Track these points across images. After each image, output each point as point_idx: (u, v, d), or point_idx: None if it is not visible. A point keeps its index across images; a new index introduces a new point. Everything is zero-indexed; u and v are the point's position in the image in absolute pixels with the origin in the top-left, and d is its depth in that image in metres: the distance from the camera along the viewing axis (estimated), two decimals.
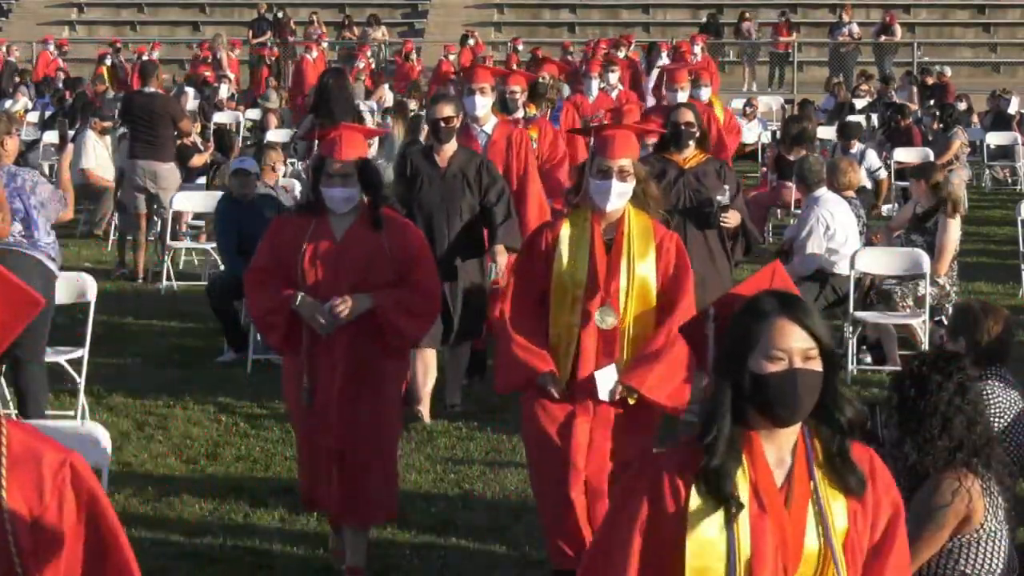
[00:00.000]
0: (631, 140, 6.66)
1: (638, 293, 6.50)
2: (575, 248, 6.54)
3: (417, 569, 7.35)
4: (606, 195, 6.52)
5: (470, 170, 9.60)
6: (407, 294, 6.80)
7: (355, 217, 6.81)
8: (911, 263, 11.23)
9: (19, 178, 9.07)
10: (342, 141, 6.79)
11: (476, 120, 10.60)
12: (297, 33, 34.21)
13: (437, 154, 9.66)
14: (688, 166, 9.36)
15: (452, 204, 9.56)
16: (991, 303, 7.01)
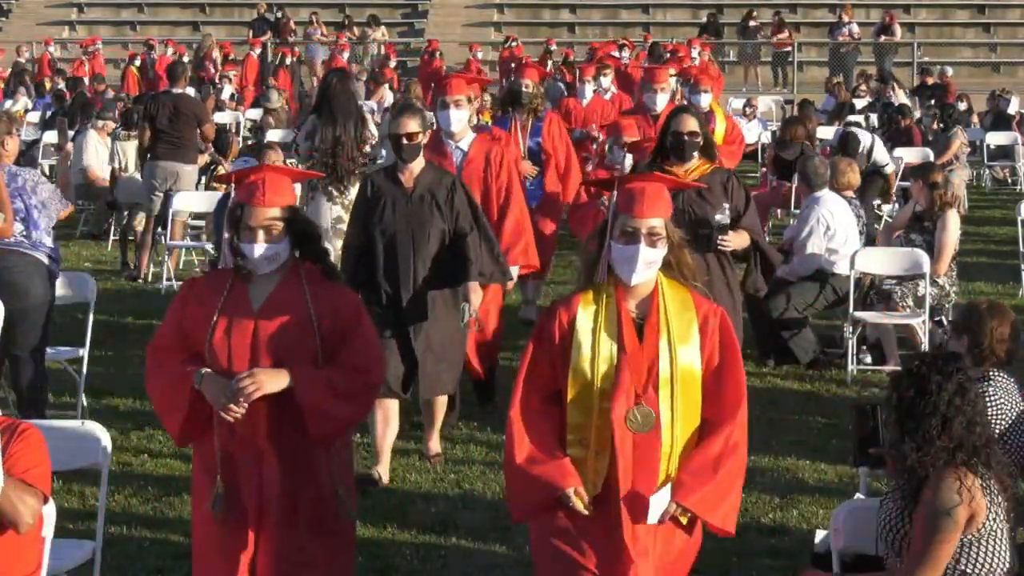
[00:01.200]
0: (663, 195, 5.46)
1: (682, 386, 5.34)
2: (598, 333, 5.36)
3: (417, 569, 7.35)
4: (632, 264, 5.35)
5: (440, 191, 8.46)
6: (337, 372, 5.54)
7: (280, 279, 5.60)
8: (911, 263, 11.23)
9: (20, 178, 9.08)
10: (265, 186, 5.53)
11: (451, 136, 9.64)
12: (297, 33, 34.24)
13: (401, 173, 8.49)
14: (690, 179, 8.29)
15: (420, 230, 8.39)
16: (1001, 304, 6.99)
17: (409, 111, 8.57)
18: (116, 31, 36.41)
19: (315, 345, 5.53)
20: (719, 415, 5.35)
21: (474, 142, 9.69)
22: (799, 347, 11.21)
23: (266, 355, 5.51)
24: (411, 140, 8.38)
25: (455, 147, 9.66)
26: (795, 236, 11.66)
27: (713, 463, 5.30)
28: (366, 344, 5.65)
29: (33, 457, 5.09)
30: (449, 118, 9.59)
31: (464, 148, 9.65)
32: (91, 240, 17.18)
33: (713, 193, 8.36)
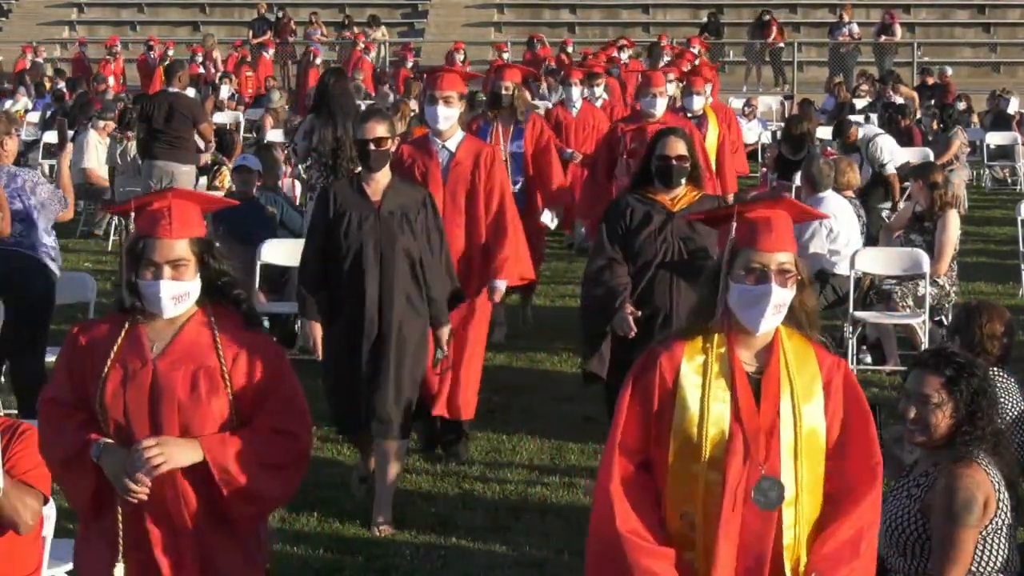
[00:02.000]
0: (791, 224, 4.66)
1: (807, 453, 4.48)
2: (707, 389, 4.46)
3: (417, 569, 7.35)
4: (760, 308, 4.46)
5: (410, 207, 7.68)
6: (258, 440, 4.66)
7: (185, 324, 4.73)
8: (911, 263, 11.23)
9: (19, 178, 9.09)
10: (172, 215, 4.69)
11: (439, 134, 8.82)
12: (297, 33, 34.23)
13: (367, 185, 7.70)
14: (678, 208, 7.82)
15: (389, 250, 7.62)
16: (993, 303, 6.99)
17: (377, 115, 7.86)
18: (116, 31, 36.38)
19: (227, 404, 4.65)
20: (849, 487, 4.50)
21: (463, 143, 8.87)
22: None
23: (168, 415, 4.62)
24: (379, 146, 7.62)
25: (442, 147, 8.83)
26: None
27: (851, 543, 4.46)
28: (290, 405, 4.74)
29: (33, 458, 5.08)
30: (437, 114, 8.77)
31: (451, 148, 8.83)
32: (91, 240, 17.19)
33: None
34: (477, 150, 8.88)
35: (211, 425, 4.62)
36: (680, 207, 7.85)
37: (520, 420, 9.78)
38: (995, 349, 6.67)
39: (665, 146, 7.86)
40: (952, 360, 5.45)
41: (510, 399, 10.30)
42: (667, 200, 7.90)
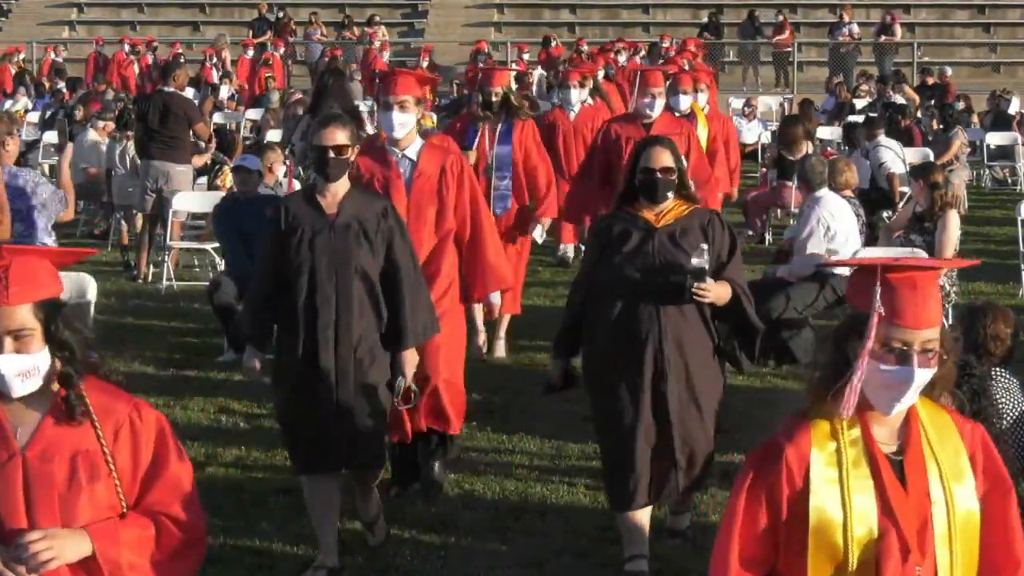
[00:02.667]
0: (938, 292, 3.97)
1: (963, 541, 3.87)
2: (847, 482, 3.83)
3: (417, 569, 7.35)
4: (897, 393, 3.84)
5: (369, 219, 6.98)
6: (149, 527, 4.12)
7: (49, 403, 4.08)
8: None
9: (20, 179, 9.10)
10: (8, 278, 3.98)
11: (396, 143, 8.04)
12: (297, 33, 34.24)
13: (322, 196, 7.02)
14: (662, 223, 6.99)
15: (344, 267, 6.94)
16: (997, 304, 7.00)
17: (336, 120, 7.18)
18: (116, 31, 36.39)
19: (113, 489, 4.07)
20: (1002, 565, 3.93)
21: (424, 150, 8.10)
22: (799, 347, 11.21)
23: (46, 510, 4.01)
24: (339, 154, 6.95)
25: (401, 156, 8.05)
26: (796, 236, 11.67)
27: None
28: (178, 484, 4.17)
29: None
30: (392, 121, 7.96)
31: (412, 157, 8.06)
32: (91, 240, 17.19)
33: (689, 237, 6.93)
34: (442, 158, 8.14)
35: (96, 514, 4.04)
36: (666, 222, 6.98)
37: (520, 420, 9.78)
38: (999, 350, 6.67)
39: (649, 157, 7.02)
40: None
41: (510, 399, 10.30)
42: (651, 216, 7.00)
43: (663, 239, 6.90)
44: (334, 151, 6.95)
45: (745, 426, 9.16)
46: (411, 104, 7.97)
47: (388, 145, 8.06)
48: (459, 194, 8.08)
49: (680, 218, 6.97)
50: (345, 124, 7.10)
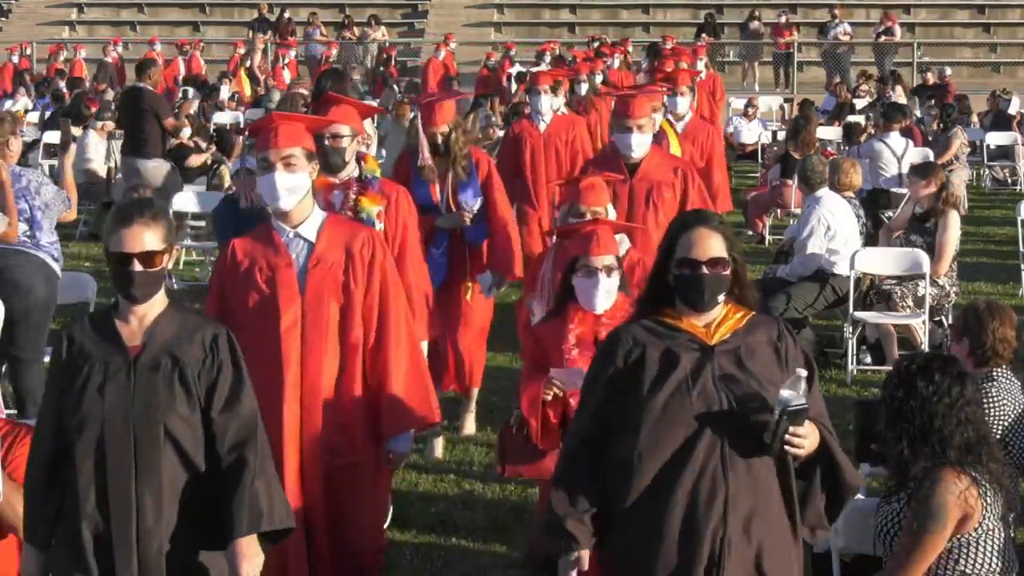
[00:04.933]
0: None
1: None
2: None
3: (417, 569, 7.36)
4: None
5: (186, 349, 4.87)
6: None
7: None
8: (911, 263, 11.24)
9: (24, 179, 9.11)
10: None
11: (284, 217, 5.98)
12: (297, 33, 34.25)
13: (123, 321, 4.90)
14: (717, 339, 4.75)
15: (148, 429, 4.77)
16: (1001, 304, 7.00)
17: (142, 212, 4.84)
18: (116, 31, 36.40)
19: None
20: None
21: (326, 227, 6.00)
22: None
23: None
24: (149, 264, 4.79)
25: (292, 235, 5.96)
26: (796, 236, 11.68)
27: None
28: None
29: None
30: (274, 187, 5.86)
31: (309, 236, 5.97)
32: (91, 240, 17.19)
33: (758, 359, 4.73)
34: (349, 236, 6.00)
35: None
36: (722, 337, 4.76)
37: None
38: (1007, 352, 6.67)
39: (691, 244, 4.73)
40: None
41: (510, 399, 10.28)
42: (699, 329, 4.77)
43: (724, 363, 4.71)
44: (141, 260, 4.79)
45: None
46: (301, 159, 5.87)
47: (275, 221, 5.97)
48: (381, 292, 6.01)
49: (739, 331, 4.79)
50: (157, 217, 4.85)
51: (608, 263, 6.24)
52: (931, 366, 5.55)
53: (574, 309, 6.31)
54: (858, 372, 11.06)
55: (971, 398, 5.53)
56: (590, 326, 6.27)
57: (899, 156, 16.12)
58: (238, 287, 5.93)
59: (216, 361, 4.88)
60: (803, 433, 4.58)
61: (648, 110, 8.97)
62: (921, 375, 5.51)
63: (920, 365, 5.57)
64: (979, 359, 6.60)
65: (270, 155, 5.86)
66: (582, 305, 6.29)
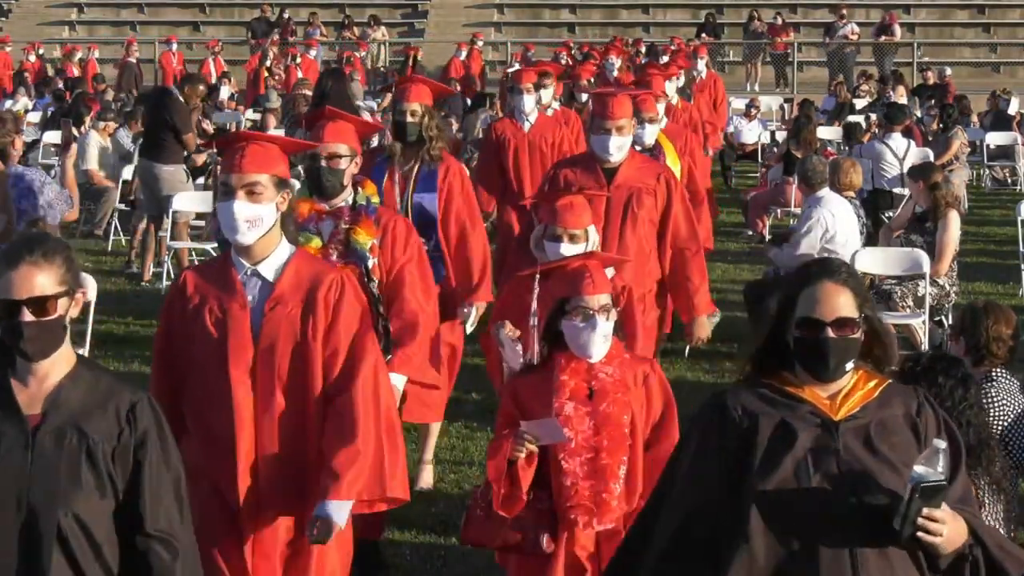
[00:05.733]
0: None
1: None
2: None
3: (417, 569, 7.36)
4: None
5: (100, 417, 4.00)
6: None
7: None
8: (911, 263, 11.24)
9: (27, 178, 9.12)
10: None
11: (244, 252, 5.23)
12: (298, 33, 34.25)
13: (21, 385, 4.02)
14: (843, 413, 3.98)
15: (43, 517, 3.89)
16: (999, 304, 7.01)
17: (32, 250, 3.97)
18: (116, 31, 36.41)
19: None
20: None
21: (290, 265, 5.19)
22: None
23: None
24: (41, 314, 3.94)
25: (250, 273, 5.19)
26: (795, 229, 11.70)
27: None
28: None
29: None
30: (234, 217, 5.09)
31: (267, 275, 5.18)
32: (91, 240, 17.19)
33: (892, 436, 3.97)
34: (315, 277, 5.19)
35: None
36: (850, 411, 3.99)
37: None
38: (1001, 351, 6.68)
39: (814, 301, 3.97)
40: None
41: None
42: (822, 400, 4.00)
43: (851, 442, 3.94)
44: (32, 308, 3.93)
45: None
46: (268, 187, 5.12)
47: (234, 255, 5.20)
48: (327, 337, 5.14)
49: (870, 404, 4.01)
50: (50, 255, 3.98)
51: (604, 303, 5.36)
52: (935, 368, 5.54)
53: (564, 358, 5.39)
54: None
55: (973, 401, 5.53)
56: (583, 377, 5.38)
57: (901, 157, 16.12)
58: (185, 327, 5.17)
59: (134, 437, 3.96)
60: (940, 517, 3.75)
61: (629, 110, 8.15)
62: (925, 377, 5.50)
63: (924, 367, 5.56)
64: (975, 358, 6.61)
65: (232, 179, 5.09)
66: (574, 352, 5.37)
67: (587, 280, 5.37)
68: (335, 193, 6.46)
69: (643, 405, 5.41)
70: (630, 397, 5.37)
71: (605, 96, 8.29)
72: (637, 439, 5.37)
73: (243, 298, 5.13)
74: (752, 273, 13.86)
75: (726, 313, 12.12)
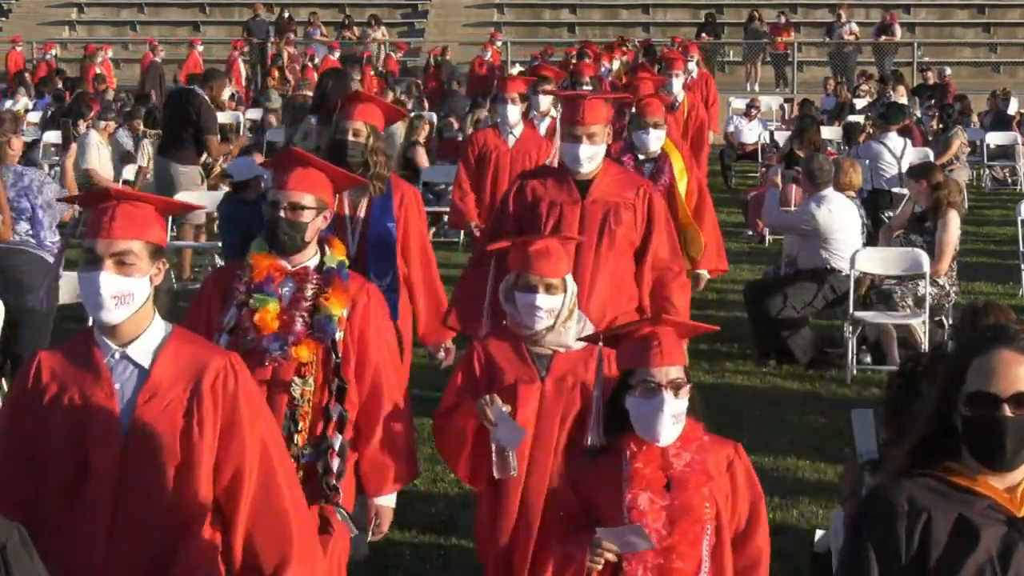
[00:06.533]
0: None
1: None
2: None
3: (417, 569, 7.37)
4: None
5: None
6: None
7: None
8: (911, 263, 11.24)
9: (26, 178, 9.13)
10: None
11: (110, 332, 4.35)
12: (298, 32, 34.26)
13: None
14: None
15: None
16: (999, 304, 7.01)
17: None
18: (116, 31, 36.41)
19: None
20: None
21: (168, 347, 4.38)
22: (797, 346, 11.22)
23: None
24: None
25: (119, 356, 4.34)
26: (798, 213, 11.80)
27: None
28: None
29: None
30: (98, 291, 4.23)
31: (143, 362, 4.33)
32: None
33: None
34: (201, 363, 4.31)
35: None
36: None
37: None
38: None
39: (988, 372, 3.39)
40: None
41: None
42: (1000, 493, 3.44)
43: None
44: None
45: (745, 425, 9.18)
46: (141, 257, 4.27)
47: (97, 332, 4.34)
48: (216, 435, 4.27)
49: None
50: None
51: (673, 376, 4.61)
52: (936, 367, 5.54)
53: (633, 441, 4.65)
54: (858, 372, 11.06)
55: None
56: (656, 464, 4.65)
57: (898, 156, 16.12)
58: (39, 419, 4.23)
59: None
60: None
61: (603, 115, 7.15)
62: (926, 376, 5.51)
63: (925, 366, 5.57)
64: None
65: (98, 246, 4.23)
66: (641, 436, 4.64)
67: (655, 349, 4.64)
68: (294, 249, 5.35)
69: (727, 496, 4.65)
70: (713, 487, 4.62)
71: (575, 99, 7.28)
72: (724, 537, 4.64)
73: (110, 386, 4.22)
74: (752, 273, 13.86)
75: (726, 313, 12.15)
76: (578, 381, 5.43)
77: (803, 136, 16.39)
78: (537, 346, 5.50)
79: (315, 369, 5.26)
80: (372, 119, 7.11)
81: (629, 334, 4.77)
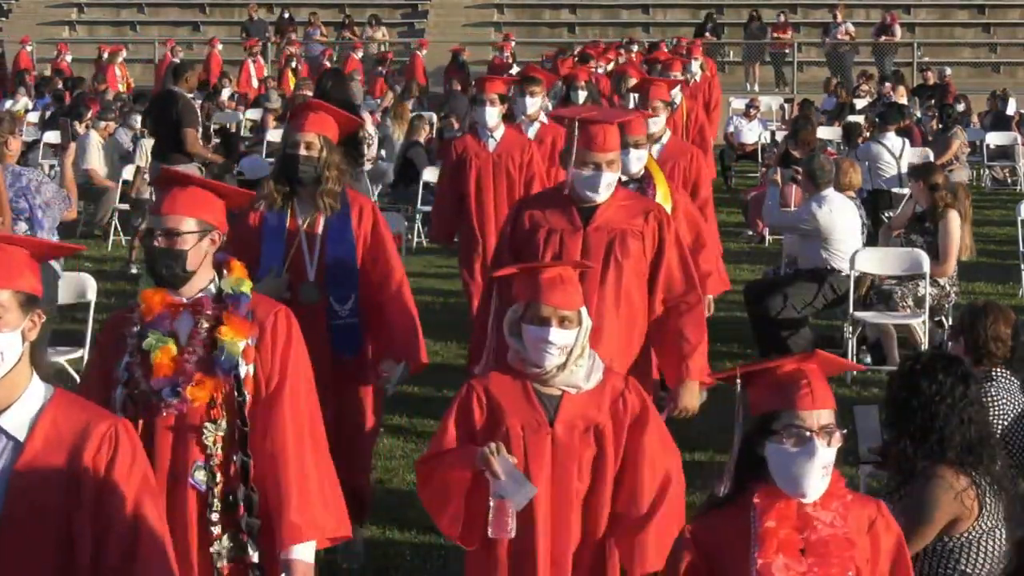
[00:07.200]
0: None
1: None
2: None
3: (417, 569, 7.36)
4: None
5: None
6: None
7: None
8: (911, 263, 11.24)
9: (24, 177, 9.12)
10: None
11: None
12: (298, 33, 34.26)
13: None
14: None
15: None
16: (999, 304, 7.01)
17: None
18: (116, 31, 36.40)
19: None
20: None
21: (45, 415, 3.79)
22: (797, 346, 11.21)
23: None
24: None
25: None
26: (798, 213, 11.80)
27: None
28: None
29: None
30: None
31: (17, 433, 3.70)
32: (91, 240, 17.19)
33: None
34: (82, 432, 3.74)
35: None
36: None
37: None
38: (1000, 351, 6.68)
39: None
40: None
41: None
42: None
43: None
44: None
45: None
46: (10, 309, 3.66)
47: None
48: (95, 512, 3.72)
49: None
50: None
51: (825, 423, 3.93)
52: (935, 366, 5.56)
53: (765, 494, 3.96)
54: (858, 372, 11.05)
55: (974, 399, 5.54)
56: (791, 523, 3.95)
57: (897, 156, 16.12)
58: None
59: None
60: None
61: (618, 140, 6.64)
62: (925, 375, 5.52)
63: (924, 365, 5.58)
64: (975, 358, 6.62)
65: None
66: (781, 488, 3.94)
67: (804, 390, 3.94)
68: (176, 282, 4.77)
69: (868, 561, 4.00)
70: (855, 553, 3.96)
71: (595, 124, 6.54)
72: None
73: None
74: (752, 273, 13.86)
75: (726, 313, 12.14)
76: (591, 425, 4.98)
77: (798, 136, 16.41)
78: (545, 386, 5.01)
79: (225, 410, 4.69)
80: (325, 130, 6.71)
81: (769, 371, 4.05)
